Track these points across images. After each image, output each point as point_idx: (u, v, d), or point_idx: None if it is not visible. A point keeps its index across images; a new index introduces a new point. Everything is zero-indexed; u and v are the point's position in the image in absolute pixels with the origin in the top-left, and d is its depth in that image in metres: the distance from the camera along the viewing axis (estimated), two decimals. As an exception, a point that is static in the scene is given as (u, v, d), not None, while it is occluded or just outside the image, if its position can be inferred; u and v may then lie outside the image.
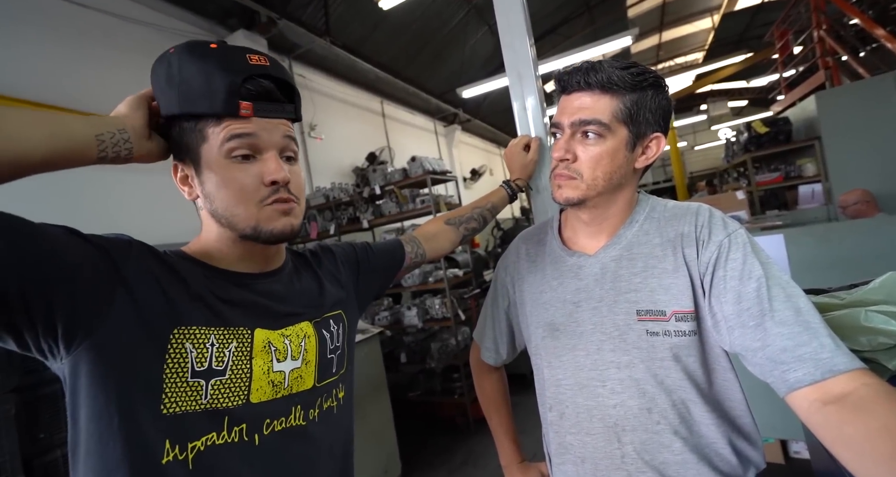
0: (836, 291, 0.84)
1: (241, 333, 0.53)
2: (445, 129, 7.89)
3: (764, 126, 4.11)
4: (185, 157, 0.53)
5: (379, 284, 0.80)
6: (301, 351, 0.59)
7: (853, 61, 3.87)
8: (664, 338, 0.62)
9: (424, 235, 0.89)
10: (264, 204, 0.53)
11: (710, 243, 0.62)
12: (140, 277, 0.48)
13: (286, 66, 4.35)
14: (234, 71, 0.50)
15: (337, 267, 0.73)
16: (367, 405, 2.17)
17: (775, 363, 0.53)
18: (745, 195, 3.08)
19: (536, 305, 0.75)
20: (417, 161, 3.02)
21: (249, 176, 0.52)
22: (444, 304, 3.02)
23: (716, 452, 0.62)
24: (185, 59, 0.50)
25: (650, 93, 0.64)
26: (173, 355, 0.48)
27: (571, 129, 0.65)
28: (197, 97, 0.49)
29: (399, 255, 0.83)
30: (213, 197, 0.52)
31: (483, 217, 0.97)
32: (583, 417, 0.68)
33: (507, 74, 1.06)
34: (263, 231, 0.53)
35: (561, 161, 0.67)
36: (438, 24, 5.36)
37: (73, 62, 2.58)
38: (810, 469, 1.04)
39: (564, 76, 0.66)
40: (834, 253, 1.66)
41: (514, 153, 1.00)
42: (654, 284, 0.64)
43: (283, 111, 0.55)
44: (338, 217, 3.54)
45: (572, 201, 0.67)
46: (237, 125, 0.51)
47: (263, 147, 0.53)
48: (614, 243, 0.70)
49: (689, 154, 13.96)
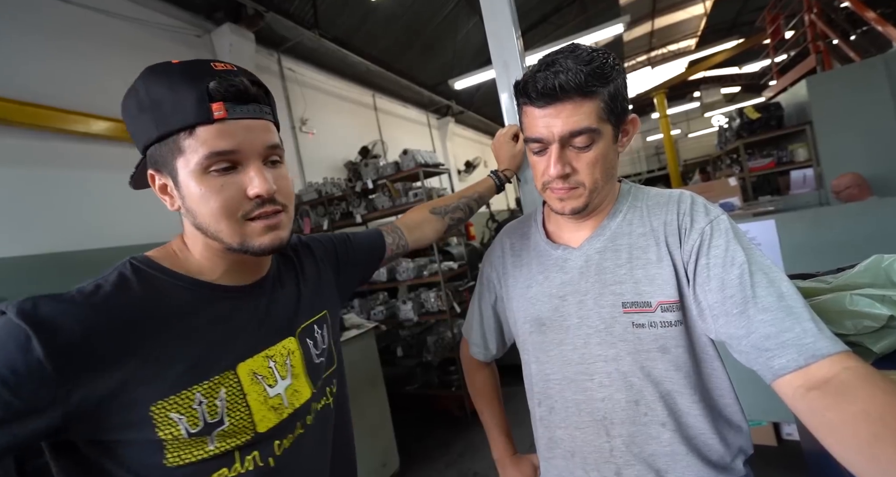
0: (824, 276, 0.84)
1: (226, 378, 0.50)
2: (439, 122, 7.83)
3: (756, 112, 4.11)
4: (161, 168, 0.50)
5: (359, 277, 0.79)
6: (287, 368, 0.57)
7: (844, 45, 3.86)
8: (650, 329, 0.61)
9: (408, 225, 0.88)
10: (249, 218, 0.50)
11: (692, 231, 0.61)
12: (85, 384, 0.41)
13: (275, 60, 4.33)
14: (196, 78, 0.47)
15: (316, 265, 0.72)
16: (364, 400, 2.18)
17: (760, 350, 0.52)
18: (737, 181, 3.09)
19: (522, 299, 0.75)
20: (409, 154, 3.00)
21: (231, 190, 0.49)
22: (439, 297, 3.02)
23: (704, 442, 0.62)
24: (150, 80, 0.47)
25: (619, 80, 0.61)
26: (162, 427, 0.45)
27: (562, 142, 0.61)
28: (169, 114, 0.47)
29: (379, 247, 0.82)
30: (195, 212, 0.49)
31: (469, 207, 0.96)
32: (571, 411, 0.68)
33: (494, 65, 1.04)
34: (251, 247, 0.51)
35: (563, 177, 0.63)
36: (429, 14, 5.29)
37: (55, 59, 2.52)
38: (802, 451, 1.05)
39: (530, 87, 0.60)
40: (826, 237, 1.67)
41: (502, 144, 0.98)
42: (640, 275, 0.63)
43: (260, 112, 0.51)
44: (331, 212, 3.52)
45: (578, 210, 0.65)
46: (215, 139, 0.47)
47: (245, 158, 0.49)
48: (598, 235, 0.69)
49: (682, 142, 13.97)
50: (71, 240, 2.41)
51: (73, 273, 2.34)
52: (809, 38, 4.08)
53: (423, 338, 3.25)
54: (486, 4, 1.04)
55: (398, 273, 3.16)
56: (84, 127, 2.49)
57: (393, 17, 4.92)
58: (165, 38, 3.22)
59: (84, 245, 2.45)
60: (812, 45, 4.04)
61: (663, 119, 9.12)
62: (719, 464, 0.62)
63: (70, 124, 2.45)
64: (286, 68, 4.41)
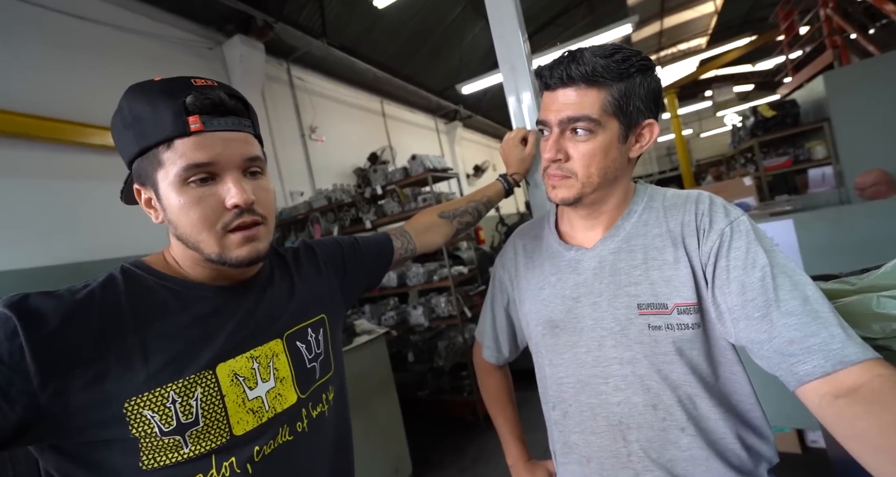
0: (847, 277, 0.81)
1: (203, 378, 0.50)
2: (447, 127, 7.86)
3: (770, 110, 4.02)
4: (144, 182, 0.52)
5: (367, 282, 0.79)
6: (270, 371, 0.57)
7: (862, 39, 3.76)
8: (667, 331, 0.60)
9: (416, 228, 0.87)
10: (227, 230, 0.51)
11: (711, 232, 0.59)
12: (62, 375, 0.43)
13: (284, 69, 4.40)
14: (175, 93, 0.49)
15: (318, 267, 0.71)
16: (375, 406, 2.17)
17: (783, 355, 0.51)
18: (752, 181, 3.03)
19: (535, 301, 0.74)
20: (418, 159, 3.01)
21: (210, 201, 0.50)
22: (449, 302, 3.01)
23: (725, 447, 0.60)
24: (133, 98, 0.49)
25: (638, 79, 0.60)
26: (136, 425, 0.46)
27: (560, 127, 0.63)
28: (149, 129, 0.48)
29: (387, 251, 0.81)
30: (176, 223, 0.51)
31: (478, 211, 0.96)
32: (586, 415, 0.66)
33: (500, 68, 1.04)
34: (228, 258, 0.52)
35: (553, 162, 0.65)
36: (435, 19, 5.33)
37: (70, 74, 2.61)
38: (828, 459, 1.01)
39: (545, 71, 0.63)
40: (847, 237, 1.61)
41: (510, 147, 0.98)
42: (655, 277, 0.62)
43: (239, 124, 0.52)
44: (340, 218, 3.54)
45: (568, 201, 0.65)
46: (192, 151, 0.48)
47: (222, 169, 0.50)
48: (612, 235, 0.68)
49: (694, 142, 13.78)
50: (91, 250, 2.47)
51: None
52: (825, 32, 3.98)
53: (433, 343, 3.24)
54: (491, 8, 1.04)
55: (408, 278, 3.15)
56: (101, 140, 2.56)
57: (399, 23, 4.97)
58: (179, 51, 3.31)
59: (104, 255, 2.51)
60: (828, 39, 3.94)
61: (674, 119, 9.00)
62: (742, 470, 0.60)
63: (88, 138, 2.53)
64: (295, 77, 4.48)
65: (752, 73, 10.78)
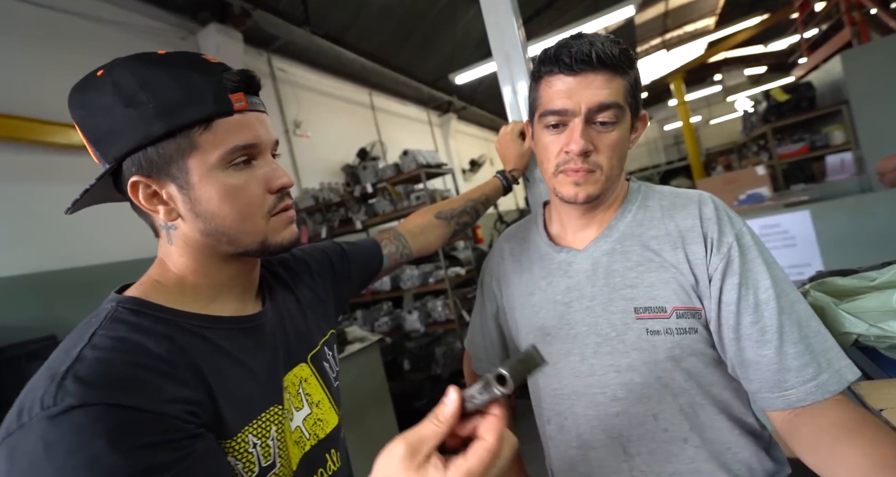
0: (867, 271, 0.81)
1: (273, 414, 0.49)
2: (440, 119, 7.85)
3: (784, 93, 4.04)
4: (156, 172, 0.46)
5: (351, 293, 0.79)
6: (302, 398, 0.56)
7: (884, 14, 3.71)
8: (666, 337, 0.60)
9: (411, 231, 0.87)
10: (272, 214, 0.50)
11: (720, 245, 0.60)
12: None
13: (265, 60, 4.38)
14: (206, 68, 0.47)
15: (314, 280, 0.71)
16: (370, 419, 2.16)
17: (777, 381, 0.56)
18: (766, 170, 3.04)
19: (525, 308, 0.74)
20: (410, 155, 3.00)
21: (255, 185, 0.49)
22: (447, 305, 3.01)
23: (732, 459, 0.60)
24: (143, 70, 0.44)
25: (637, 69, 0.64)
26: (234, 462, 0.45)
27: (587, 116, 0.61)
28: (179, 106, 0.44)
29: (375, 260, 0.80)
30: (213, 214, 0.47)
31: (476, 210, 0.96)
32: (584, 428, 0.66)
33: (494, 56, 1.04)
34: (272, 244, 0.51)
35: (583, 155, 0.62)
36: (426, 5, 5.30)
37: (31, 67, 2.57)
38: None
39: (563, 52, 0.60)
40: (869, 228, 1.62)
41: (507, 142, 0.97)
42: (653, 279, 0.62)
43: (262, 105, 0.52)
44: (329, 219, 3.53)
45: (593, 198, 0.64)
46: (237, 131, 0.47)
47: (259, 152, 0.50)
48: (605, 236, 0.68)
49: (703, 129, 13.82)
50: (57, 258, 2.44)
51: (61, 294, 2.37)
52: (843, 8, 3.95)
53: (431, 349, 3.23)
54: (483, -9, 1.03)
55: (402, 281, 3.15)
56: (66, 138, 2.52)
57: (388, 9, 4.95)
58: (148, 41, 3.26)
59: (71, 263, 2.49)
60: (846, 16, 3.91)
61: (681, 106, 9.04)
62: None
63: (51, 136, 2.48)
64: (277, 69, 4.46)
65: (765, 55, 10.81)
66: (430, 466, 0.32)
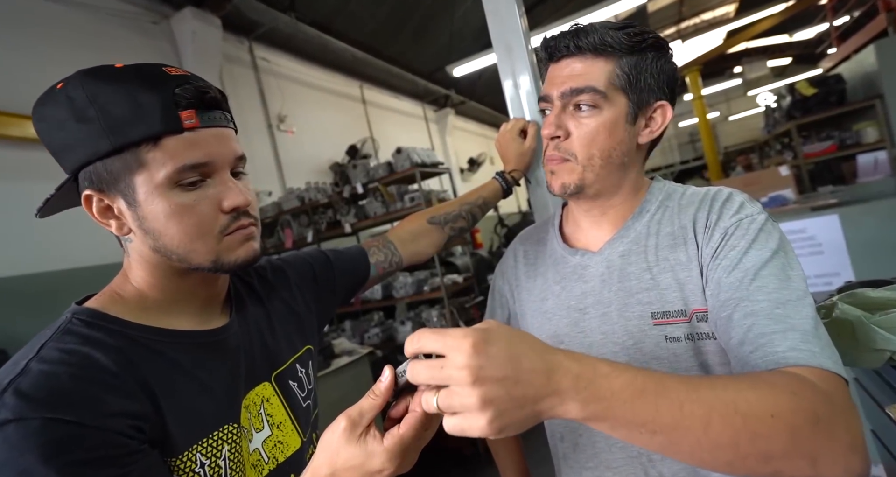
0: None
1: (227, 433, 0.51)
2: (437, 115, 7.88)
3: (811, 87, 4.07)
4: (106, 187, 0.50)
5: (336, 305, 0.80)
6: (263, 418, 0.57)
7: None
8: (687, 343, 0.60)
9: (402, 237, 0.88)
10: (225, 234, 0.52)
11: (716, 229, 0.59)
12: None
13: (246, 48, 4.39)
14: (157, 83, 0.48)
15: (291, 293, 0.71)
16: (358, 442, 2.15)
17: (738, 358, 0.51)
18: (789, 170, 3.05)
19: (537, 314, 0.74)
20: (404, 153, 3.01)
21: (205, 205, 0.50)
22: (442, 315, 3.01)
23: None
24: (95, 85, 0.47)
25: (650, 55, 0.63)
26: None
27: (562, 101, 0.65)
28: (126, 123, 0.47)
29: (362, 269, 0.81)
30: (160, 233, 0.50)
31: (472, 214, 0.97)
32: (600, 447, 0.66)
33: (494, 48, 1.04)
34: (226, 262, 0.52)
35: (551, 139, 0.66)
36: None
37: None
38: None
39: (551, 41, 0.66)
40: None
41: (507, 141, 0.98)
42: (669, 280, 0.62)
43: (225, 119, 0.53)
44: (315, 222, 3.53)
45: (569, 189, 0.66)
46: (186, 150, 0.48)
47: (215, 170, 0.51)
48: (621, 237, 0.68)
49: (721, 126, 13.94)
50: (12, 263, 2.41)
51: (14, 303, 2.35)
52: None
53: (426, 366, 3.23)
54: (482, -24, 1.04)
55: (395, 289, 3.15)
56: (21, 131, 2.48)
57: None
58: (116, 26, 3.22)
59: (28, 269, 2.46)
60: (881, 1, 3.92)
61: (697, 100, 9.08)
62: None
63: (5, 128, 2.46)
64: (259, 58, 4.47)
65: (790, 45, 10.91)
66: (369, 436, 0.42)
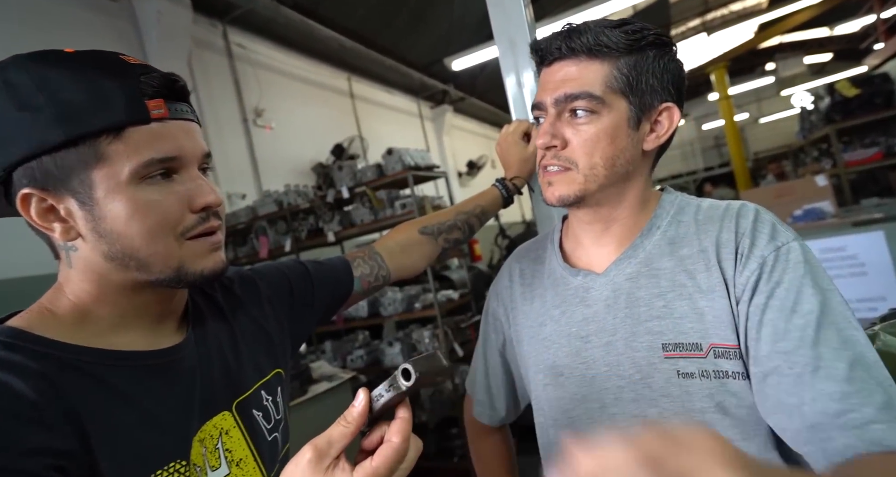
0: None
1: (174, 471, 0.50)
2: (433, 112, 7.94)
3: (853, 87, 4.10)
4: (52, 185, 0.48)
5: (314, 323, 0.79)
6: (220, 454, 0.57)
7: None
8: (702, 381, 0.60)
9: (390, 249, 0.89)
10: (188, 237, 0.52)
11: (750, 259, 0.60)
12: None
13: (219, 33, 4.41)
14: (118, 70, 0.49)
15: (261, 309, 0.71)
16: None
17: (814, 430, 0.52)
18: (828, 180, 3.06)
19: (535, 342, 0.75)
20: (395, 154, 3.02)
21: (171, 202, 0.51)
22: (435, 336, 3.01)
23: None
24: (42, 69, 0.47)
25: (651, 54, 0.64)
26: None
27: (556, 108, 0.66)
28: (83, 111, 0.47)
29: (344, 283, 0.81)
30: (119, 235, 0.49)
31: (469, 224, 0.98)
32: None
33: (497, 41, 1.07)
34: (190, 273, 0.52)
35: (547, 149, 0.67)
36: (418, -26, 5.40)
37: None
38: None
39: (541, 44, 0.68)
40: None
41: (509, 145, 1.00)
42: (684, 309, 0.62)
43: (192, 112, 0.54)
44: (295, 229, 3.53)
45: (568, 200, 0.67)
46: (153, 142, 0.49)
47: (182, 165, 0.52)
48: (629, 257, 0.69)
49: (751, 129, 14.07)
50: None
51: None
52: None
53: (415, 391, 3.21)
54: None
55: (382, 306, 3.15)
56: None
57: (373, -22, 5.02)
58: (68, 4, 3.18)
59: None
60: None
61: (724, 101, 9.18)
62: None
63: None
64: (234, 44, 4.49)
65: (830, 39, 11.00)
66: (338, 469, 0.40)
